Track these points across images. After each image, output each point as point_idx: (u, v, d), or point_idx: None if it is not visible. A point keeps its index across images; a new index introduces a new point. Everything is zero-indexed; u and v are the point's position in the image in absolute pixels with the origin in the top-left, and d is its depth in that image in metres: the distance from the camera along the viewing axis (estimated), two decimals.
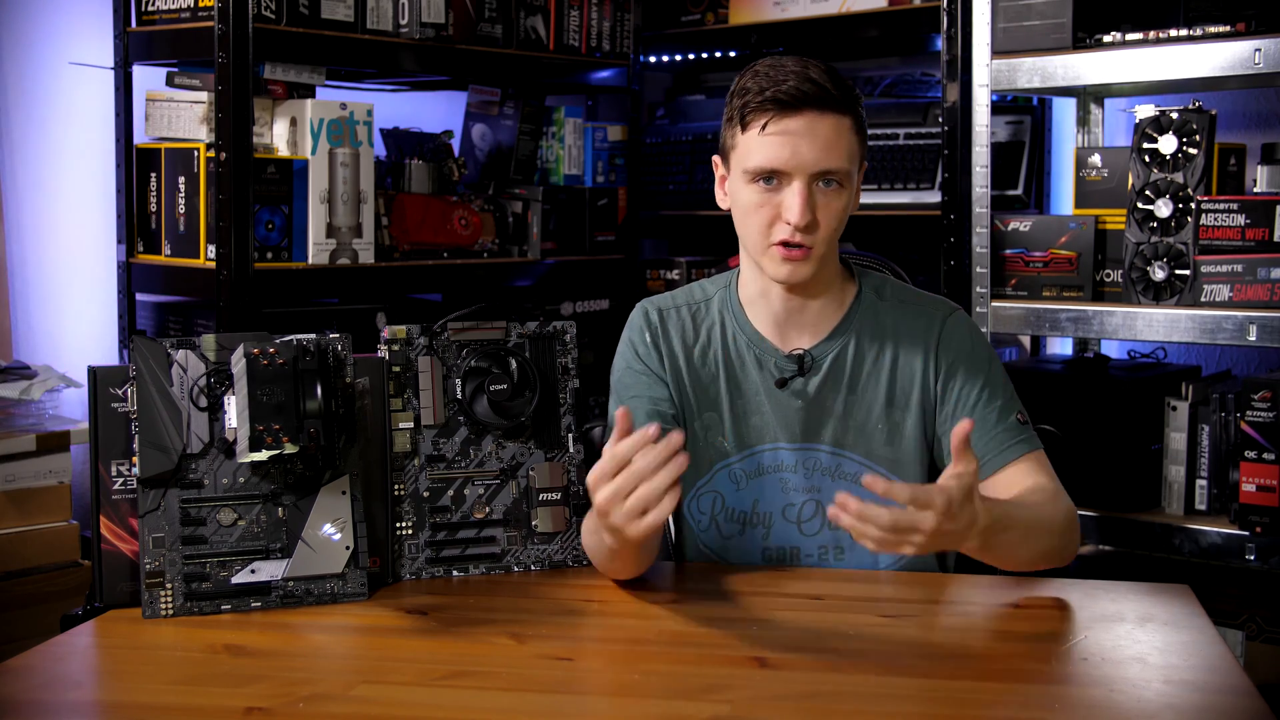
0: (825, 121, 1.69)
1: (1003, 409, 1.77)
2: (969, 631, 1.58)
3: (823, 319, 1.81)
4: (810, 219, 1.69)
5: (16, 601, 2.58)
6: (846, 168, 1.70)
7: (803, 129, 1.68)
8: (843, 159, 1.70)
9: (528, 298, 3.17)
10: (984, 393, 1.78)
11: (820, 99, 1.68)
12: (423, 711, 1.33)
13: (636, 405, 1.81)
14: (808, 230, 1.70)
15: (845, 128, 1.70)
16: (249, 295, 2.54)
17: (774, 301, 1.81)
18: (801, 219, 1.68)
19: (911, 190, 3.00)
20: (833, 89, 1.69)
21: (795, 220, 1.68)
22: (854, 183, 1.74)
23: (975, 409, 1.77)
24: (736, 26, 3.27)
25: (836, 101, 1.69)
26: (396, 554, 1.74)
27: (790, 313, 1.81)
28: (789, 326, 1.82)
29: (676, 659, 1.47)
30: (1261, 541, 2.40)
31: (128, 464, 1.63)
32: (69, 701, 1.38)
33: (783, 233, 1.70)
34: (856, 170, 1.75)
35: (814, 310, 1.81)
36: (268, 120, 2.68)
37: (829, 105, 1.69)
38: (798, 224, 1.68)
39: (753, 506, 1.82)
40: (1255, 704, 1.32)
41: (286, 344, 1.62)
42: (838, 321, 1.81)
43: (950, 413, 1.78)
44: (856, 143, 1.73)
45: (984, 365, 1.80)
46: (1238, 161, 2.57)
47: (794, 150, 1.68)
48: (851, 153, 1.72)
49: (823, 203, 1.70)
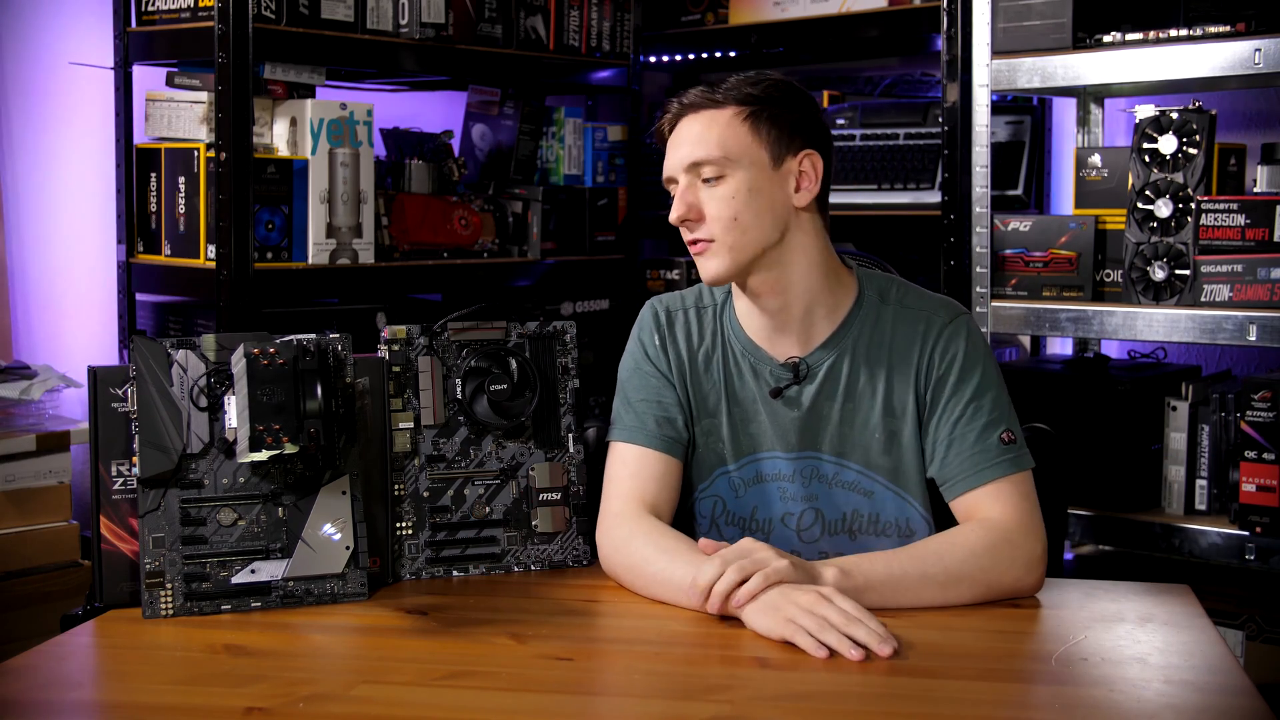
0: (692, 121, 1.74)
1: (986, 426, 1.72)
2: (969, 631, 1.58)
3: (817, 326, 1.79)
4: (684, 210, 1.72)
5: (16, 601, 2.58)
6: (716, 155, 1.71)
7: (675, 136, 1.76)
8: (710, 148, 1.71)
9: (528, 298, 3.17)
10: (969, 408, 1.73)
11: (690, 105, 1.75)
12: (423, 711, 1.33)
13: (644, 409, 1.80)
14: (696, 223, 1.72)
15: (720, 120, 1.72)
16: (249, 295, 2.54)
17: (757, 314, 1.80)
18: (674, 213, 1.73)
19: (911, 190, 3.00)
20: (709, 94, 1.74)
21: (671, 216, 1.74)
22: (749, 170, 1.72)
23: (957, 425, 1.72)
24: (736, 26, 3.27)
25: (710, 102, 1.73)
26: (396, 554, 1.74)
27: (774, 319, 1.78)
28: (779, 335, 1.79)
29: (676, 659, 1.47)
30: (1261, 541, 2.40)
31: (128, 464, 1.63)
32: (69, 701, 1.38)
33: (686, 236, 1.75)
34: (758, 158, 1.72)
35: (803, 317, 1.78)
36: (268, 120, 2.68)
37: (698, 106, 1.74)
38: (673, 219, 1.73)
39: (751, 513, 1.81)
40: (1255, 704, 1.32)
41: (286, 344, 1.62)
42: (834, 329, 1.78)
43: (935, 425, 1.74)
44: (745, 131, 1.72)
45: (975, 377, 1.74)
46: (1238, 161, 2.57)
47: (671, 154, 1.75)
48: (730, 141, 1.71)
49: (706, 195, 1.72)
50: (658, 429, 1.79)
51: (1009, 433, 1.73)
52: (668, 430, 1.80)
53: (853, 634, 1.45)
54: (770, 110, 1.73)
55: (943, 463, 1.73)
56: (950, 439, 1.72)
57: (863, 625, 1.46)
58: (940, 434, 1.74)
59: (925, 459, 1.76)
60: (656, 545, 1.67)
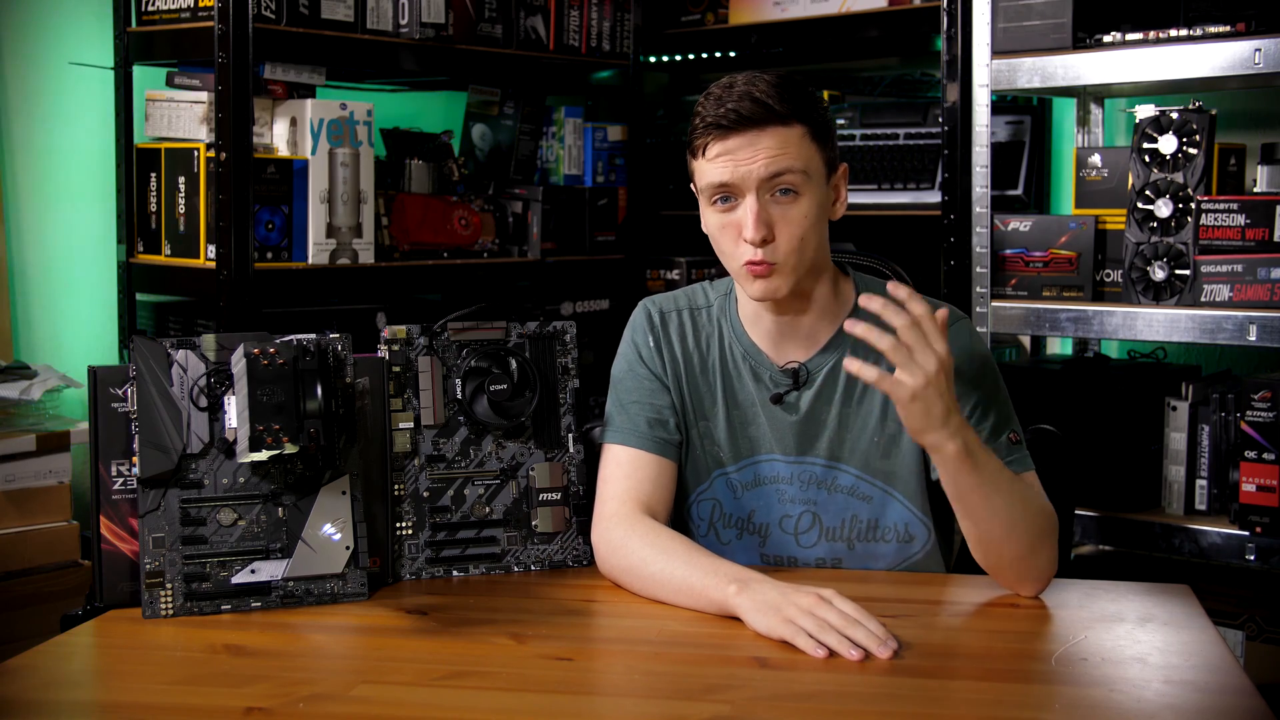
0: (766, 135, 1.67)
1: (994, 428, 1.73)
2: (969, 631, 1.58)
3: (818, 331, 1.79)
4: (765, 232, 1.67)
5: (16, 601, 2.57)
6: (799, 169, 1.67)
7: (741, 146, 1.67)
8: (792, 161, 1.67)
9: (528, 298, 3.17)
10: (975, 410, 1.73)
11: (758, 117, 1.66)
12: (423, 711, 1.33)
13: (637, 411, 1.80)
14: (766, 244, 1.67)
15: (794, 137, 1.68)
16: (249, 295, 2.54)
17: (766, 319, 1.79)
18: (755, 233, 1.66)
19: (911, 190, 3.00)
20: (776, 103, 1.67)
21: (750, 236, 1.67)
22: (817, 189, 1.70)
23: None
24: (736, 26, 3.27)
25: (779, 115, 1.67)
26: (396, 554, 1.74)
27: (783, 328, 1.78)
28: (784, 340, 1.79)
29: (676, 659, 1.47)
30: (1261, 541, 2.40)
31: (128, 464, 1.63)
32: (69, 701, 1.38)
33: (746, 252, 1.69)
34: (821, 176, 1.71)
35: (808, 323, 1.78)
36: (268, 120, 2.68)
37: (770, 120, 1.67)
38: (752, 239, 1.67)
39: (749, 516, 1.81)
40: (1255, 704, 1.32)
41: (286, 344, 1.62)
42: (833, 333, 1.78)
43: None
44: (815, 149, 1.69)
45: (979, 380, 1.75)
46: (1238, 161, 2.57)
47: (736, 165, 1.67)
48: (804, 158, 1.68)
49: (779, 213, 1.68)
50: (650, 431, 1.79)
51: (1015, 433, 1.74)
52: (660, 432, 1.79)
53: (852, 636, 1.45)
54: (825, 126, 1.72)
55: None
56: None
57: (862, 627, 1.46)
58: None
59: (929, 463, 1.76)
60: (654, 546, 1.67)
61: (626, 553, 1.69)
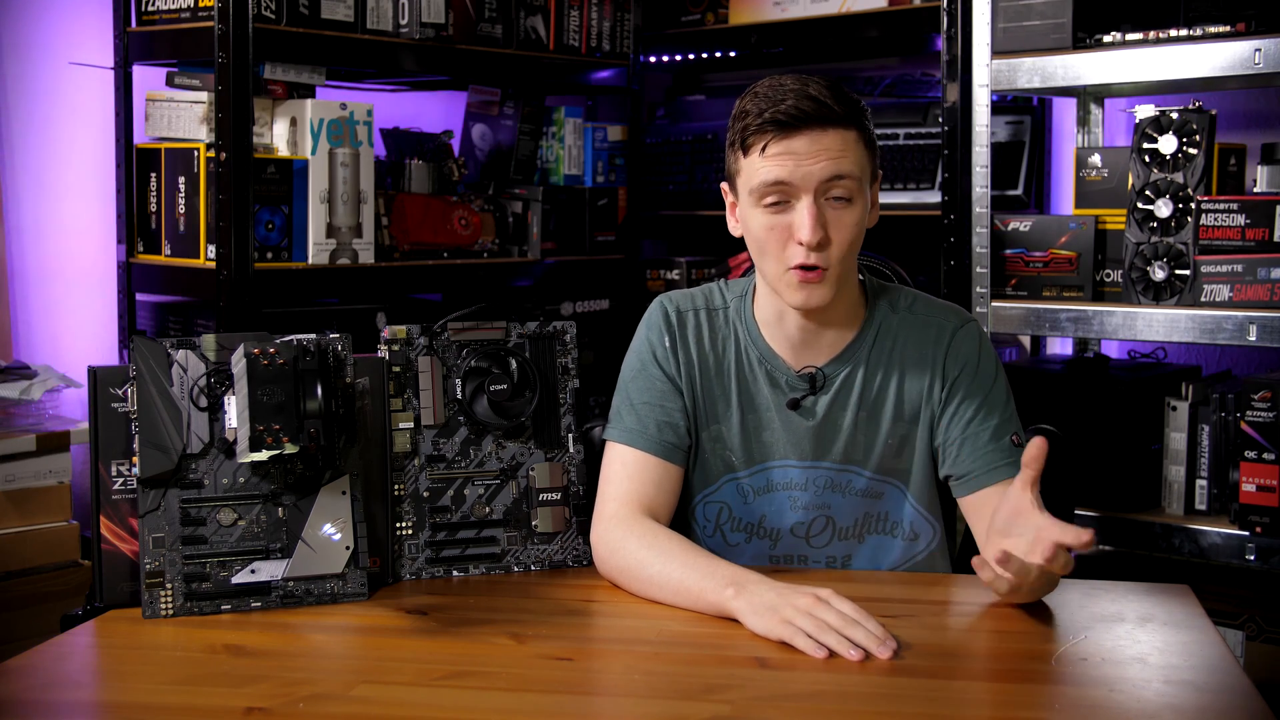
0: (828, 136, 1.65)
1: (998, 428, 1.74)
2: (969, 631, 1.58)
3: (837, 338, 1.78)
4: (822, 235, 1.65)
5: (16, 601, 2.58)
6: (856, 175, 1.66)
7: (804, 145, 1.64)
8: (850, 166, 1.66)
9: (528, 298, 3.17)
10: (982, 410, 1.75)
11: (821, 116, 1.64)
12: (423, 711, 1.33)
13: (647, 413, 1.79)
14: (821, 249, 1.66)
15: (850, 140, 1.66)
16: (249, 295, 2.54)
17: (789, 325, 1.78)
18: (813, 236, 1.64)
19: (911, 190, 3.00)
20: (834, 105, 1.65)
21: (807, 238, 1.64)
22: (866, 197, 1.70)
23: (970, 425, 1.74)
24: (736, 26, 3.27)
25: (839, 117, 1.65)
26: (396, 554, 1.74)
27: (807, 334, 1.77)
28: (803, 347, 1.78)
29: (676, 659, 1.47)
30: (1261, 541, 2.40)
31: (128, 464, 1.63)
32: (69, 701, 1.38)
33: (797, 255, 1.66)
34: (868, 184, 1.70)
35: (832, 330, 1.78)
36: (268, 120, 2.68)
37: (831, 121, 1.65)
38: (809, 242, 1.65)
39: (759, 521, 1.81)
40: (1255, 704, 1.32)
41: (286, 344, 1.62)
42: (850, 340, 1.78)
43: (946, 426, 1.76)
44: (866, 156, 1.69)
45: (987, 381, 1.77)
46: (1238, 161, 2.57)
47: (797, 164, 1.64)
48: (860, 164, 1.68)
49: (834, 218, 1.66)
50: (659, 434, 1.78)
51: (1017, 435, 1.76)
52: (669, 436, 1.79)
53: (851, 636, 1.45)
54: (872, 133, 1.71)
55: (955, 461, 1.74)
56: (963, 438, 1.74)
57: (861, 627, 1.46)
58: (953, 434, 1.75)
59: (937, 460, 1.77)
60: (652, 547, 1.66)
61: (624, 554, 1.69)
